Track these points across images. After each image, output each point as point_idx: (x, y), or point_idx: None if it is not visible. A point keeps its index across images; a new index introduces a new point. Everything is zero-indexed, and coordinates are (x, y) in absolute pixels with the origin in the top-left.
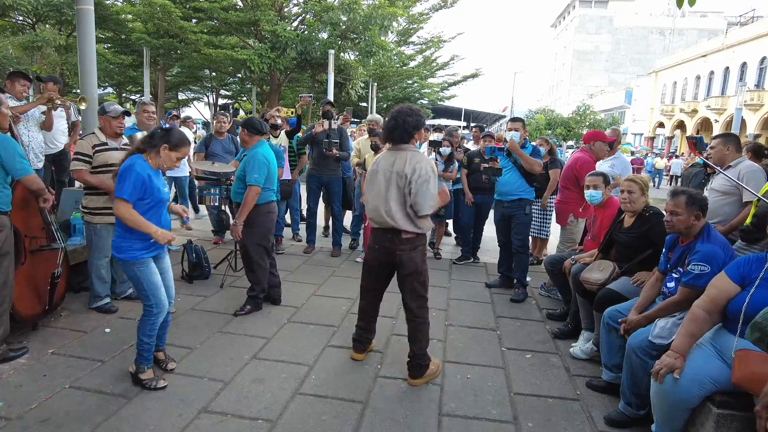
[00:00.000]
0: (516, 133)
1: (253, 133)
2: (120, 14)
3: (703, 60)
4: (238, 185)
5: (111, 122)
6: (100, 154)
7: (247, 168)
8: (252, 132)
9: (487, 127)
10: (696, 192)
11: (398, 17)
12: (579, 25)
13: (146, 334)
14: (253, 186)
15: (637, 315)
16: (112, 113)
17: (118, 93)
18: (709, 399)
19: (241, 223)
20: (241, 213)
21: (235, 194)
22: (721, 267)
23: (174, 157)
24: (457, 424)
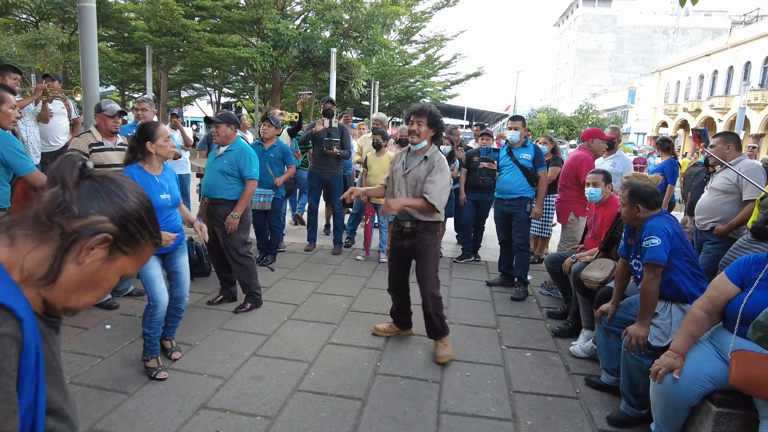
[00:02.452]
0: (516, 132)
1: (236, 128)
2: (123, 12)
3: (706, 59)
4: (224, 181)
5: (106, 121)
6: (95, 154)
7: (241, 163)
8: (236, 127)
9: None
10: (641, 185)
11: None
12: (582, 24)
13: (146, 325)
14: (253, 179)
15: (614, 307)
16: (108, 112)
17: (120, 91)
18: (708, 397)
19: (239, 216)
20: (240, 205)
21: (220, 190)
22: (668, 234)
23: (161, 144)
24: (456, 421)
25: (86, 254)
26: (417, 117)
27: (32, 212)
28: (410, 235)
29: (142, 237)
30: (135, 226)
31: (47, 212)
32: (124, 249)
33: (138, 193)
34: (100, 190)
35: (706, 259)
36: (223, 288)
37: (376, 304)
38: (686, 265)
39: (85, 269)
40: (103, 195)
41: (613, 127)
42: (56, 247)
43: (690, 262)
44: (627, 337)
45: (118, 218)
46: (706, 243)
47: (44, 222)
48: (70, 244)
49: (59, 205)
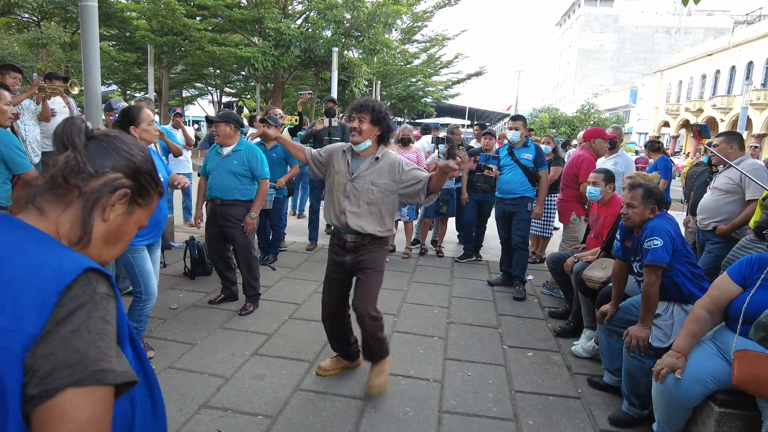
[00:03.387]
0: (516, 132)
1: (238, 128)
2: (124, 12)
3: (708, 59)
4: (236, 182)
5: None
6: None
7: (252, 163)
8: (238, 127)
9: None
10: (654, 186)
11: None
12: (584, 24)
13: (134, 319)
14: (266, 179)
15: (613, 308)
16: (119, 110)
17: (122, 90)
18: (711, 398)
19: (257, 216)
20: (257, 205)
21: (233, 191)
22: (670, 235)
23: (145, 128)
24: (457, 421)
25: (110, 211)
26: (358, 113)
27: (48, 178)
28: (354, 250)
29: (152, 188)
30: (146, 178)
31: (64, 175)
32: (139, 201)
33: (140, 146)
34: (108, 147)
35: (708, 259)
36: (224, 287)
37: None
38: (686, 266)
39: (110, 225)
40: (112, 152)
41: (615, 127)
42: (81, 208)
43: (689, 262)
44: (628, 338)
45: (131, 173)
46: (708, 243)
47: (62, 185)
48: (93, 203)
49: (74, 167)
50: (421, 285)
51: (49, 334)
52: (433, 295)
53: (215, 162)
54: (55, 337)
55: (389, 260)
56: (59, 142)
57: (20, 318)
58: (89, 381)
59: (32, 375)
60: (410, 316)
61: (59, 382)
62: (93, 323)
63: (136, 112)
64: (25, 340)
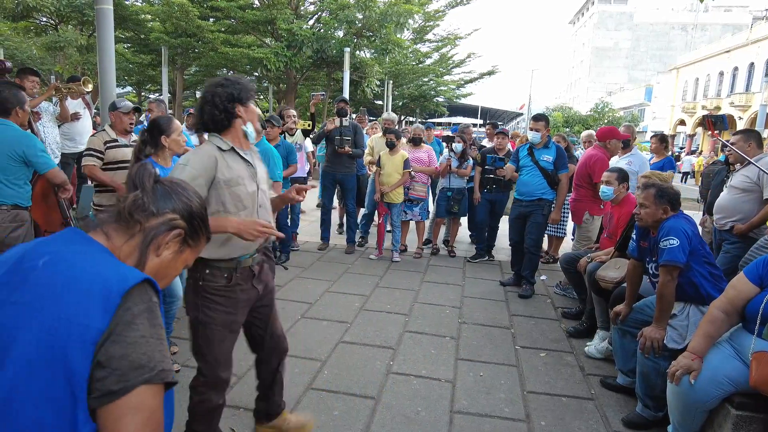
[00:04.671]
0: (537, 134)
1: None
2: (139, 14)
3: (726, 55)
4: None
5: (122, 118)
6: (110, 150)
7: (267, 165)
8: None
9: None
10: (667, 186)
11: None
12: (598, 22)
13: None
14: (278, 182)
15: (627, 308)
16: (123, 109)
17: (137, 92)
18: (728, 400)
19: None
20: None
21: None
22: (687, 235)
23: (175, 139)
24: (469, 421)
25: (164, 248)
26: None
27: (116, 212)
28: (264, 273)
29: (202, 232)
30: (199, 222)
31: (130, 211)
32: (190, 243)
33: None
34: (170, 191)
35: (726, 259)
36: None
37: (389, 303)
38: (705, 267)
39: (162, 261)
40: (173, 196)
41: (628, 125)
42: (140, 241)
43: (708, 262)
44: (642, 339)
45: (187, 215)
46: (726, 243)
47: (128, 219)
48: (151, 238)
49: (140, 205)
50: (433, 285)
51: (120, 335)
52: (445, 295)
53: None
54: (126, 341)
55: (400, 260)
56: (131, 183)
57: (91, 315)
58: (156, 379)
59: (109, 372)
60: (422, 315)
61: (135, 380)
62: (155, 330)
63: (167, 123)
64: (95, 333)
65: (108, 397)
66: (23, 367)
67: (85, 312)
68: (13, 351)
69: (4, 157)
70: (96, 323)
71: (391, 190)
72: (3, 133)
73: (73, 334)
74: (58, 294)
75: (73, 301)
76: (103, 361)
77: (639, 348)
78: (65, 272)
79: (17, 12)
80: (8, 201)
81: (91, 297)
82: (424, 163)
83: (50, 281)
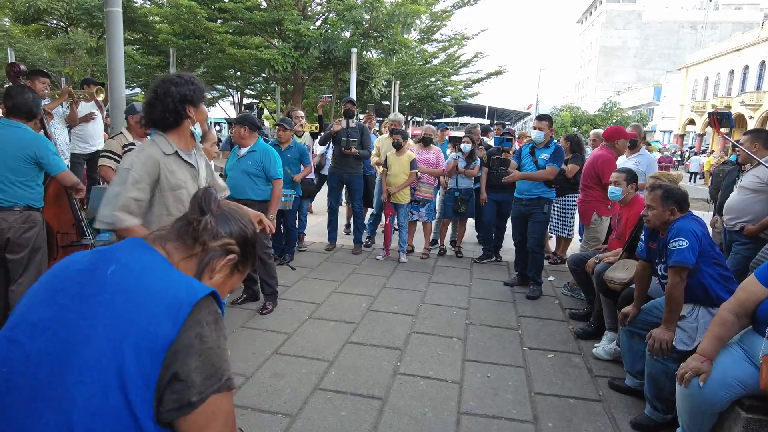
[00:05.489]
0: (540, 133)
1: (254, 130)
2: (148, 16)
3: (737, 54)
4: (249, 181)
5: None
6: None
7: (266, 163)
8: (253, 129)
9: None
10: (674, 187)
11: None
12: (606, 21)
13: None
14: (279, 179)
15: (636, 310)
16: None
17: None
18: (737, 403)
19: (275, 217)
20: (273, 206)
21: (246, 190)
22: (697, 236)
23: (208, 147)
24: (476, 423)
25: (218, 271)
26: None
27: (178, 230)
28: None
29: (252, 258)
30: (250, 249)
31: (199, 232)
32: (240, 268)
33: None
34: (229, 217)
35: (736, 260)
36: (246, 287)
37: (396, 304)
38: (714, 268)
39: (213, 283)
40: (231, 221)
41: (635, 125)
42: (198, 261)
43: (718, 264)
44: (651, 341)
45: (242, 241)
46: (736, 243)
47: (192, 239)
48: (208, 261)
49: (210, 229)
50: (440, 285)
51: (192, 347)
52: (452, 296)
53: (232, 162)
54: (199, 353)
55: (407, 260)
56: (197, 206)
57: (160, 324)
58: (225, 388)
59: (187, 385)
60: (429, 316)
61: (209, 390)
62: (221, 342)
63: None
64: (163, 342)
65: (187, 408)
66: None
67: (156, 321)
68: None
69: (17, 159)
70: (165, 332)
71: (398, 190)
72: (16, 135)
73: (141, 342)
74: (128, 303)
75: (142, 309)
76: (181, 373)
77: (648, 350)
78: (135, 281)
79: (28, 15)
80: (21, 202)
81: (161, 306)
82: (431, 164)
83: (120, 290)
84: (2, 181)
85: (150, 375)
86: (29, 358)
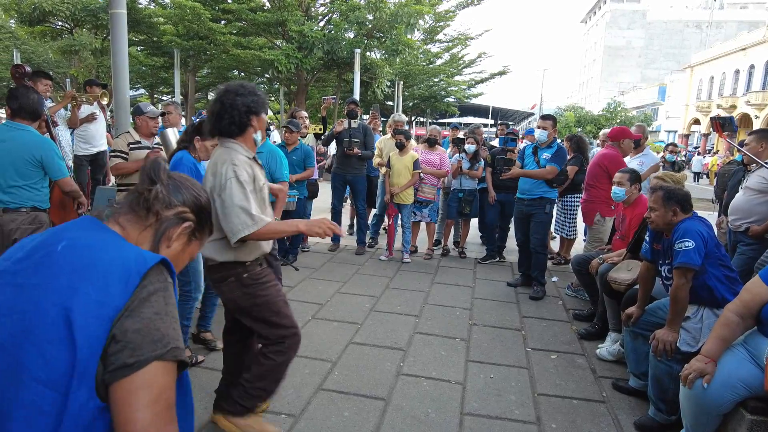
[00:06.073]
0: (544, 132)
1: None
2: (152, 17)
3: (742, 53)
4: None
5: (148, 122)
6: (134, 151)
7: (272, 165)
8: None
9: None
10: (675, 188)
11: (424, 15)
12: (610, 20)
13: (184, 317)
14: (285, 182)
15: (639, 311)
16: (150, 114)
17: (150, 94)
18: (742, 404)
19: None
20: (278, 209)
21: None
22: (703, 237)
23: (209, 146)
24: (479, 423)
25: (174, 239)
26: None
27: (130, 202)
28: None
29: (207, 225)
30: (206, 216)
31: (150, 202)
32: (197, 235)
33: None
34: (180, 185)
35: (741, 261)
36: None
37: (399, 305)
38: (719, 269)
39: (170, 252)
40: (183, 190)
41: (639, 125)
42: (154, 232)
43: (723, 265)
44: (655, 342)
45: (196, 209)
46: (741, 244)
47: (145, 210)
48: (164, 230)
49: (161, 198)
50: (444, 286)
51: (135, 311)
52: (456, 297)
53: None
54: (141, 316)
55: (410, 261)
56: (146, 176)
57: (109, 293)
58: (168, 356)
59: (123, 346)
60: (432, 317)
61: (148, 355)
62: (170, 309)
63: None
64: (113, 310)
65: (122, 370)
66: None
67: (105, 290)
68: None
69: (23, 162)
70: (114, 301)
71: (401, 191)
72: (23, 138)
73: (89, 311)
74: (77, 274)
75: (92, 280)
76: (118, 334)
77: (651, 351)
78: (84, 254)
79: (34, 17)
80: (28, 204)
81: (111, 276)
82: (435, 165)
83: (69, 263)
84: (9, 184)
85: (96, 345)
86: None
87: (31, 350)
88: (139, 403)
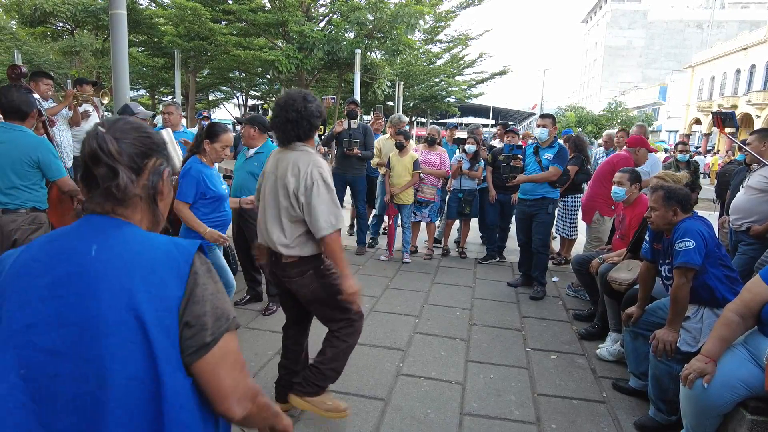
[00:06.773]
0: (545, 130)
1: (264, 132)
2: (152, 18)
3: (743, 53)
4: (253, 182)
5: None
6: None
7: None
8: (263, 131)
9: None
10: (676, 187)
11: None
12: (611, 20)
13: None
14: None
15: (640, 310)
16: (141, 115)
17: (150, 95)
18: (742, 404)
19: None
20: None
21: (248, 191)
22: (703, 237)
23: (218, 148)
24: (478, 424)
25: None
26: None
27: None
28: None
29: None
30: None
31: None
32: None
33: (147, 125)
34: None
35: (742, 261)
36: (249, 288)
37: (399, 305)
38: (720, 269)
39: (164, 197)
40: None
41: (640, 125)
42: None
43: (724, 265)
44: (655, 342)
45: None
46: (742, 244)
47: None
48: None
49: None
50: (444, 286)
51: (196, 297)
52: (456, 297)
53: (240, 163)
54: (203, 300)
55: (410, 261)
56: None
57: (167, 286)
58: (233, 326)
59: (200, 328)
60: (432, 317)
61: (220, 330)
62: (219, 286)
63: (217, 133)
64: (176, 301)
65: (203, 349)
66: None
67: (162, 285)
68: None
69: (20, 163)
70: (175, 292)
71: (401, 191)
72: (19, 140)
73: (157, 306)
74: (126, 276)
75: (144, 278)
76: (191, 320)
77: (651, 351)
78: (125, 255)
79: (35, 18)
80: (27, 205)
81: (162, 271)
82: (435, 165)
83: (113, 266)
84: (8, 185)
85: (174, 334)
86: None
87: (111, 354)
88: (224, 372)
